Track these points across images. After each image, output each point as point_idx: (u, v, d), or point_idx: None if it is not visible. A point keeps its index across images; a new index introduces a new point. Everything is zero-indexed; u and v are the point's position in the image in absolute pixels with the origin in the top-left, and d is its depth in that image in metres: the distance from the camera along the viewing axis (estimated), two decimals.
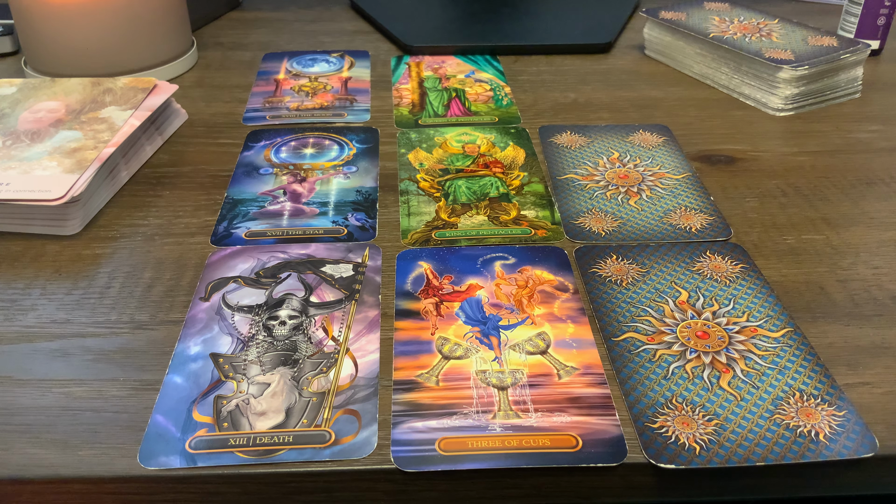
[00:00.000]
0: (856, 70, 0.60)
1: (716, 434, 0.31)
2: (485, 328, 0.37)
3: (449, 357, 0.36)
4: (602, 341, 0.36)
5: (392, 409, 0.33)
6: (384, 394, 0.34)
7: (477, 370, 0.35)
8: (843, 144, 0.54)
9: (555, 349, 0.36)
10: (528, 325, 0.37)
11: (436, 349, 0.36)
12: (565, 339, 0.37)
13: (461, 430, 0.32)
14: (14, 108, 0.52)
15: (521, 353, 0.36)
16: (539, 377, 0.34)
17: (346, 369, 0.35)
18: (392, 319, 0.38)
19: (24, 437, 0.31)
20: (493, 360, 0.35)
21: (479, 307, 0.39)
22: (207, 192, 0.48)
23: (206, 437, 0.31)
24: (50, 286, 0.40)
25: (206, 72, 0.66)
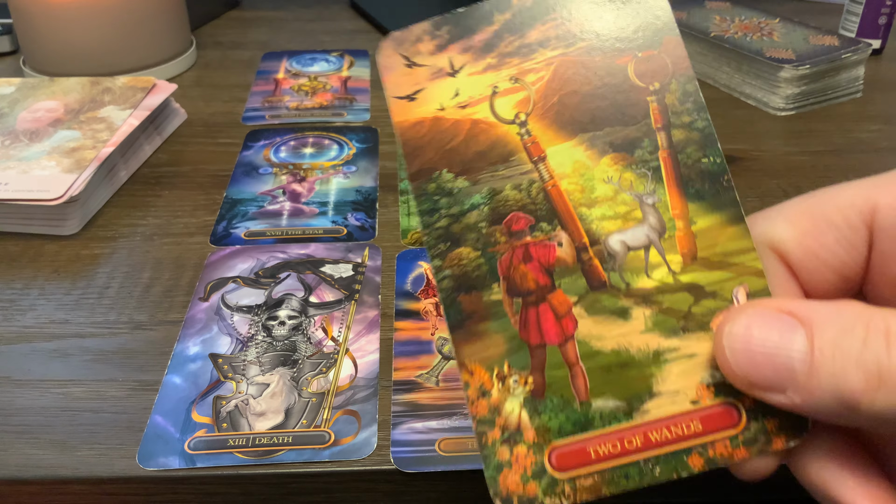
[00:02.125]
0: (857, 69, 0.60)
1: None
2: None
3: (449, 357, 0.35)
4: None
5: (392, 410, 0.33)
6: (384, 394, 0.33)
7: None
8: (844, 144, 0.54)
9: None
10: None
11: (436, 349, 0.36)
12: None
13: (461, 430, 0.32)
14: (13, 107, 0.51)
15: None
16: None
17: (345, 370, 0.35)
18: (392, 319, 0.38)
19: (22, 438, 0.31)
20: None
21: None
22: (206, 191, 0.48)
23: (205, 438, 0.31)
24: (48, 286, 0.40)
25: (206, 71, 0.66)
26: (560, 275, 0.23)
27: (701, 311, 0.22)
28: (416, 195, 0.23)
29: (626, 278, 0.23)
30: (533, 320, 0.22)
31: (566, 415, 0.22)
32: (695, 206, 0.23)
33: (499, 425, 0.22)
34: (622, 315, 0.22)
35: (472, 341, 0.22)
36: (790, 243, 0.22)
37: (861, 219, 0.21)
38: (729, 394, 0.21)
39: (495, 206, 0.23)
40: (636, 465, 0.21)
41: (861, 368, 0.18)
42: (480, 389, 0.22)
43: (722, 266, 0.22)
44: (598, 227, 0.23)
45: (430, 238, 0.23)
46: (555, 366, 0.22)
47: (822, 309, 0.19)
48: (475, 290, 0.23)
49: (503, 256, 0.23)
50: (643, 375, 0.22)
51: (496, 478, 0.21)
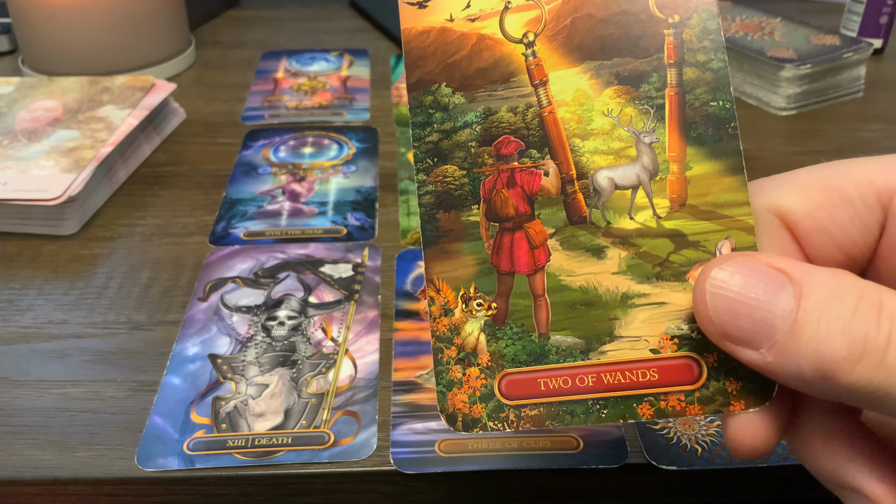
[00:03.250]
0: (858, 69, 0.60)
1: (718, 436, 0.31)
2: None
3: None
4: None
5: (392, 411, 0.32)
6: (384, 395, 0.33)
7: None
8: (845, 144, 0.54)
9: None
10: None
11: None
12: None
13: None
14: (11, 107, 0.51)
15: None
16: None
17: (345, 370, 0.35)
18: (392, 320, 0.38)
19: (20, 439, 0.31)
20: None
21: None
22: (206, 191, 0.48)
23: (204, 439, 0.31)
24: (47, 286, 0.40)
25: (205, 70, 0.66)
26: (541, 204, 0.22)
27: (679, 260, 0.22)
28: (411, 106, 0.23)
29: (607, 216, 0.22)
30: (506, 246, 0.22)
31: (523, 344, 0.22)
32: (693, 151, 0.22)
33: (456, 344, 0.22)
34: (597, 253, 0.22)
35: (444, 259, 0.22)
36: (799, 214, 0.21)
37: (877, 198, 0.20)
38: (693, 349, 0.21)
39: (488, 126, 0.23)
40: (584, 404, 0.21)
41: (846, 336, 0.17)
42: (444, 307, 0.22)
43: (711, 216, 0.22)
44: (589, 161, 0.22)
45: (419, 151, 0.23)
46: (520, 295, 0.22)
47: (816, 272, 0.18)
48: (454, 209, 0.22)
49: (487, 178, 0.22)
50: (607, 317, 0.22)
51: (445, 394, 0.22)
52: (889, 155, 0.21)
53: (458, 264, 0.22)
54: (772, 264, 0.19)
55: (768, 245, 0.21)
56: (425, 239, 0.22)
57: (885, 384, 0.17)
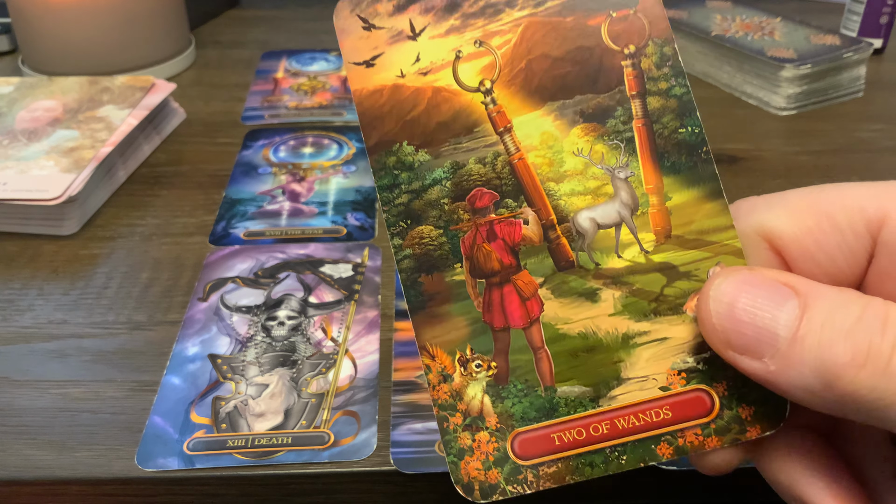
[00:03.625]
0: (858, 69, 0.60)
1: None
2: None
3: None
4: None
5: (392, 411, 0.32)
6: (384, 395, 0.33)
7: None
8: (845, 144, 0.54)
9: None
10: None
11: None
12: None
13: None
14: (11, 107, 0.51)
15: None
16: None
17: (345, 370, 0.35)
18: (392, 320, 0.38)
19: (20, 439, 0.31)
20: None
21: None
22: (205, 191, 0.48)
23: (204, 439, 0.31)
24: (47, 286, 0.40)
25: (205, 70, 0.66)
26: (526, 254, 0.22)
27: (674, 293, 0.21)
28: (374, 169, 0.22)
29: (595, 258, 0.22)
30: (497, 302, 0.22)
31: (530, 400, 0.21)
32: (670, 180, 0.22)
33: (460, 410, 0.21)
34: (590, 297, 0.21)
35: (433, 324, 0.21)
36: (787, 238, 0.21)
37: (867, 227, 0.20)
38: (702, 380, 0.21)
39: (458, 180, 0.22)
40: (601, 453, 0.21)
41: (850, 341, 0.17)
42: (442, 374, 0.21)
43: (697, 244, 0.21)
44: (567, 204, 0.22)
45: (389, 216, 0.22)
46: (519, 350, 0.21)
47: (822, 286, 0.18)
48: (437, 271, 0.22)
49: (466, 235, 0.22)
50: (611, 360, 0.21)
51: (458, 464, 0.21)
52: (882, 182, 0.21)
53: (449, 327, 0.21)
54: (778, 278, 0.19)
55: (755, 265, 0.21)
56: (411, 305, 0.22)
57: (888, 392, 0.17)
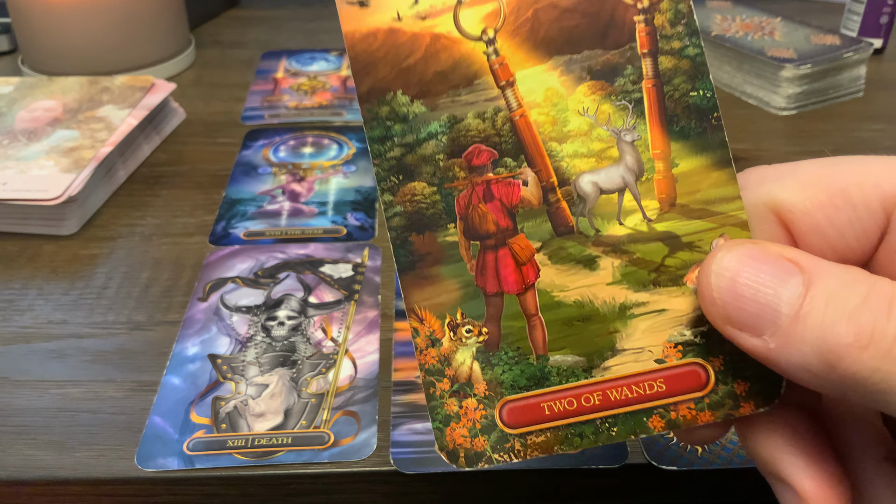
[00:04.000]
0: (859, 69, 0.60)
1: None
2: None
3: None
4: None
5: (392, 411, 0.32)
6: (384, 395, 0.33)
7: None
8: (845, 144, 0.54)
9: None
10: None
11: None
12: None
13: None
14: (11, 107, 0.51)
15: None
16: None
17: (345, 370, 0.35)
18: (392, 320, 0.38)
19: (20, 439, 0.31)
20: None
21: None
22: (205, 191, 0.48)
23: (204, 439, 0.31)
24: (47, 286, 0.40)
25: (205, 70, 0.66)
26: (524, 217, 0.21)
27: (675, 264, 0.20)
28: (365, 119, 0.21)
29: (595, 224, 0.21)
30: (491, 266, 0.21)
31: (521, 368, 0.21)
32: (678, 146, 0.21)
33: (448, 376, 0.21)
34: (589, 265, 0.21)
35: (423, 286, 0.21)
36: (797, 212, 0.20)
37: (882, 204, 0.19)
38: (698, 354, 0.20)
39: (455, 136, 0.21)
40: (592, 424, 0.20)
41: (854, 322, 0.16)
42: (430, 338, 0.21)
43: (702, 214, 0.20)
44: (569, 166, 0.21)
45: (380, 169, 0.21)
46: (512, 316, 0.21)
47: (828, 264, 0.18)
48: (429, 230, 0.21)
49: (461, 194, 0.21)
50: (606, 331, 0.21)
51: (443, 430, 0.21)
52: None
53: (439, 290, 0.21)
54: (783, 254, 0.18)
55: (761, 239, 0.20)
56: (400, 265, 0.21)
57: (890, 374, 0.16)
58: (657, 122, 0.21)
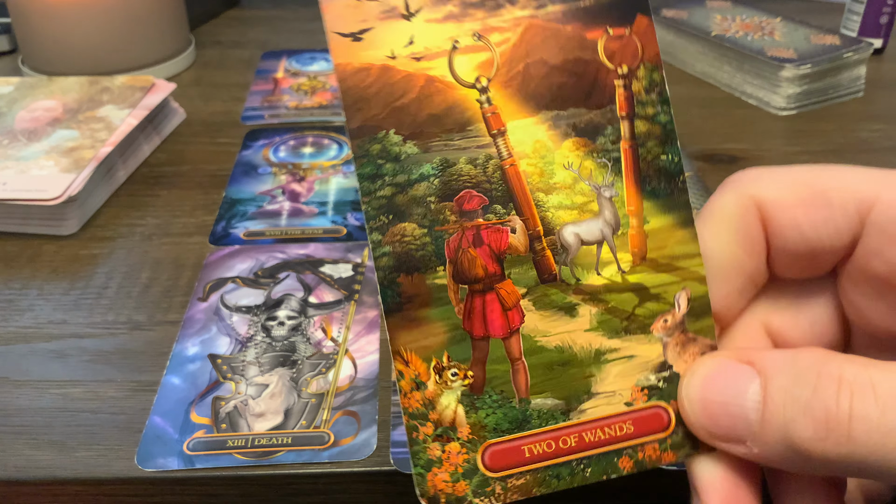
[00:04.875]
0: (858, 69, 0.60)
1: None
2: None
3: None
4: None
5: (392, 411, 0.32)
6: (384, 395, 0.33)
7: None
8: (845, 144, 0.54)
9: None
10: None
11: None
12: None
13: None
14: (11, 107, 0.51)
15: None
16: None
17: (345, 370, 0.35)
18: None
19: (20, 439, 0.31)
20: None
21: None
22: (205, 191, 0.48)
23: (204, 439, 0.31)
24: (47, 286, 0.40)
25: (205, 70, 0.66)
26: (511, 263, 0.21)
27: (644, 314, 0.22)
28: (356, 155, 0.21)
29: (576, 273, 0.22)
30: (479, 310, 0.21)
31: (504, 412, 0.21)
32: (649, 205, 0.22)
33: (432, 420, 0.21)
34: (569, 312, 0.22)
35: (410, 328, 0.21)
36: (778, 206, 0.21)
37: (857, 207, 0.21)
38: (661, 397, 0.21)
39: (447, 179, 0.21)
40: (568, 466, 0.21)
41: (809, 416, 0.18)
42: (415, 381, 0.21)
43: (668, 269, 0.22)
44: (554, 217, 0.22)
45: (370, 208, 0.21)
46: (497, 360, 0.21)
47: (779, 357, 0.19)
48: (418, 272, 0.21)
49: (451, 237, 0.21)
50: (583, 375, 0.21)
51: (424, 476, 0.21)
52: (879, 169, 0.21)
53: (426, 332, 0.21)
54: (741, 358, 0.20)
55: (728, 235, 0.22)
56: (387, 306, 0.21)
57: (857, 456, 0.17)
58: (632, 181, 0.22)
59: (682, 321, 0.22)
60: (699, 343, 0.22)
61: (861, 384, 0.17)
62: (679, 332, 0.22)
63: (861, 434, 0.17)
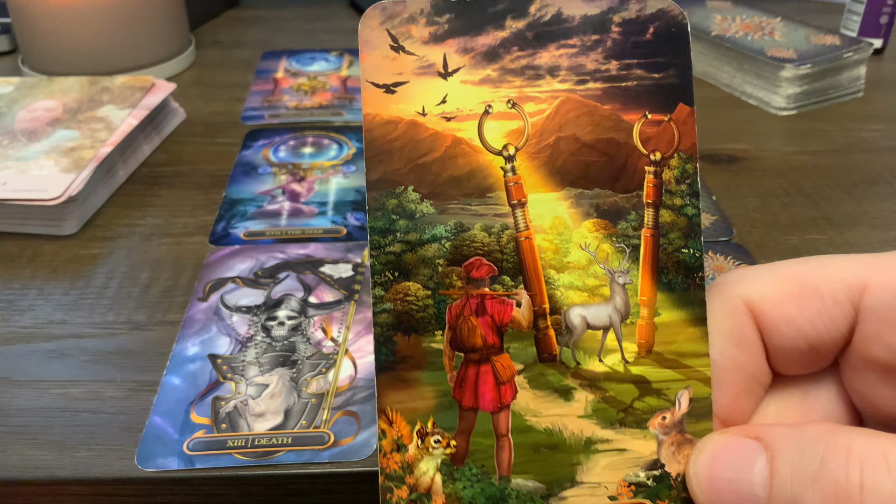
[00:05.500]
0: (858, 69, 0.60)
1: None
2: None
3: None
4: None
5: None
6: None
7: None
8: (845, 144, 0.54)
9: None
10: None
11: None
12: None
13: None
14: (11, 107, 0.51)
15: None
16: None
17: (345, 370, 0.35)
18: None
19: (20, 439, 0.31)
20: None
21: None
22: (205, 191, 0.48)
23: (204, 439, 0.31)
24: (47, 287, 0.40)
25: (205, 70, 0.66)
26: (511, 337, 0.21)
27: (642, 408, 0.21)
28: (370, 207, 0.20)
29: (577, 357, 0.21)
30: (471, 380, 0.21)
31: (482, 487, 0.20)
32: (663, 297, 0.21)
33: (408, 484, 0.20)
34: (564, 395, 0.21)
35: (399, 388, 0.20)
36: (768, 304, 0.21)
37: (848, 295, 0.20)
38: (647, 496, 0.21)
39: (459, 244, 0.21)
40: None
41: (818, 489, 0.17)
42: (396, 442, 0.20)
43: (674, 365, 0.21)
44: (563, 296, 0.21)
45: (377, 262, 0.20)
46: (482, 433, 0.21)
47: (786, 430, 0.19)
48: (415, 333, 0.21)
49: (455, 303, 0.21)
50: (570, 461, 0.21)
51: None
52: (864, 255, 0.21)
53: (415, 395, 0.20)
54: (746, 433, 0.19)
55: (723, 338, 0.21)
56: (379, 364, 0.20)
57: None
58: (649, 271, 0.21)
59: (680, 420, 0.21)
60: (697, 444, 0.21)
61: (872, 455, 0.17)
62: (676, 432, 0.21)
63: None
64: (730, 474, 0.19)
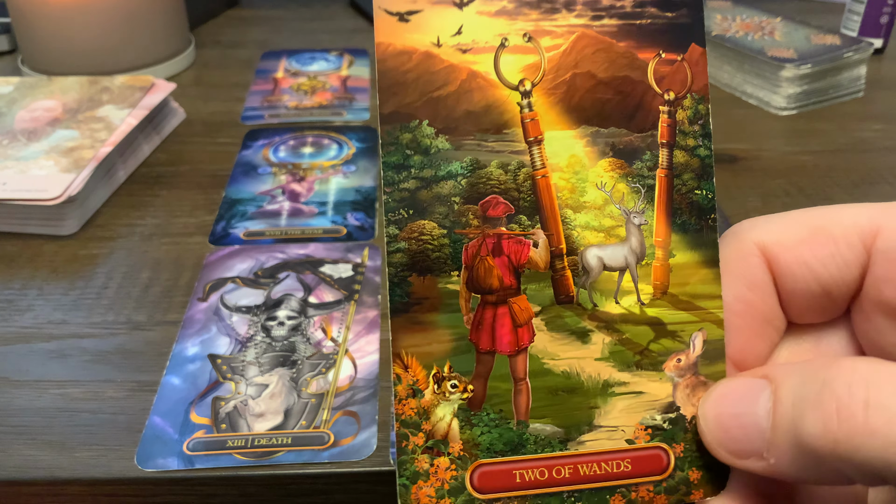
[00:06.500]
0: (859, 69, 0.60)
1: None
2: None
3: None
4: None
5: (391, 411, 0.32)
6: (384, 395, 0.33)
7: None
8: (846, 144, 0.54)
9: None
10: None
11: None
12: None
13: None
14: (11, 107, 0.51)
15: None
16: None
17: (345, 370, 0.35)
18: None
19: (20, 439, 0.31)
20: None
21: None
22: (205, 191, 0.48)
23: (203, 439, 0.31)
24: (47, 287, 0.40)
25: (204, 70, 0.66)
26: (528, 279, 0.21)
27: (657, 350, 0.21)
28: (384, 141, 0.20)
29: (594, 298, 0.21)
30: (488, 322, 0.20)
31: (500, 432, 0.20)
32: (677, 238, 0.21)
33: (424, 430, 0.20)
34: (582, 337, 0.21)
35: (415, 331, 0.20)
36: (781, 247, 0.21)
37: (860, 238, 0.20)
38: (663, 439, 0.21)
39: (475, 181, 0.20)
40: (558, 497, 0.20)
41: (819, 409, 0.16)
42: (412, 387, 0.20)
43: (688, 307, 0.21)
44: (579, 236, 0.21)
45: (391, 199, 0.20)
46: (500, 377, 0.20)
47: (792, 364, 0.18)
48: (430, 274, 0.20)
49: (471, 243, 0.20)
50: (587, 405, 0.21)
51: (409, 487, 0.20)
52: (876, 202, 0.21)
53: (431, 338, 0.20)
54: (752, 373, 0.19)
55: (736, 281, 0.21)
56: (393, 306, 0.20)
57: (874, 450, 0.16)
58: (663, 212, 0.21)
59: (695, 363, 0.21)
60: (709, 388, 0.21)
61: (877, 375, 0.16)
62: (691, 374, 0.21)
63: (880, 424, 0.16)
64: (736, 410, 0.19)
